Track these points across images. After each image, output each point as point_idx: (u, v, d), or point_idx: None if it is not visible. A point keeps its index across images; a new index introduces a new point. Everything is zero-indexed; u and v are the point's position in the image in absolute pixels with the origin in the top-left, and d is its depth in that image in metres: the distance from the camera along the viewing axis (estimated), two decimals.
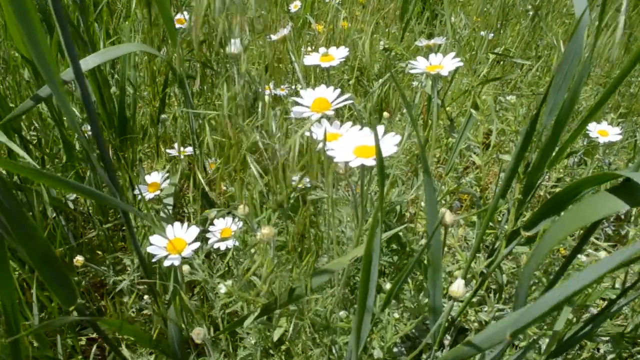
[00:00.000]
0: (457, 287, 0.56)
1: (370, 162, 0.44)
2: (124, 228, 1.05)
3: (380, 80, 0.98)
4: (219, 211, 0.95)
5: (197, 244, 0.59)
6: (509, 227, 0.84)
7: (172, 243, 0.58)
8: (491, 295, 1.01)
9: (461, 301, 0.90)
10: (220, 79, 0.92)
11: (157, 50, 0.89)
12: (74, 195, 0.99)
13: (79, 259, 0.95)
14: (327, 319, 0.59)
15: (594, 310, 0.80)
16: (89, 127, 1.10)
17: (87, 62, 0.73)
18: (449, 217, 0.54)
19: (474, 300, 0.90)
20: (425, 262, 0.93)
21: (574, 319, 0.78)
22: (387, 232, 0.92)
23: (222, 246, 0.86)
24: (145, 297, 0.84)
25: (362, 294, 0.43)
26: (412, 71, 0.65)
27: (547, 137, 0.70)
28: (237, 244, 0.81)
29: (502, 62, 1.36)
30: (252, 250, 0.60)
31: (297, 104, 0.60)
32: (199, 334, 0.54)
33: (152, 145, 1.21)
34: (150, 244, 0.59)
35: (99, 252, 1.10)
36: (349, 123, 0.58)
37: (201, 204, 1.02)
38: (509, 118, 0.77)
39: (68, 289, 0.51)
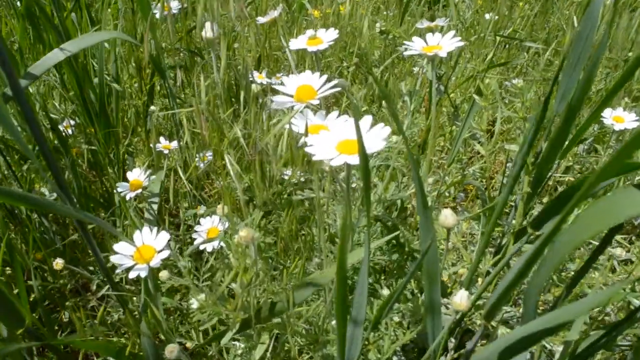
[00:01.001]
0: (460, 299, 0.50)
1: (355, 159, 0.38)
2: (112, 223, 1.00)
3: (381, 67, 0.92)
4: (204, 211, 0.89)
5: (167, 252, 0.54)
6: (517, 222, 0.78)
7: (139, 251, 0.53)
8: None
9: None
10: (196, 68, 0.85)
11: (135, 39, 0.83)
12: (55, 195, 0.93)
13: (58, 262, 0.89)
14: (316, 331, 0.53)
15: (613, 314, 0.74)
16: (72, 122, 1.04)
17: (55, 54, 0.67)
18: (451, 218, 0.48)
19: (479, 302, 0.84)
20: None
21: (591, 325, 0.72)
22: (385, 233, 0.86)
23: (209, 247, 0.81)
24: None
25: (339, 319, 0.37)
26: (407, 53, 0.58)
27: (558, 125, 0.63)
28: (223, 245, 0.76)
29: (507, 46, 1.29)
30: (230, 256, 0.54)
31: (279, 93, 0.54)
32: (172, 351, 0.49)
33: (142, 139, 1.15)
34: (115, 253, 0.53)
35: (90, 252, 1.05)
36: (335, 113, 0.52)
37: (189, 202, 0.96)
38: (516, 104, 0.70)
39: (12, 314, 0.46)
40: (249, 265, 0.55)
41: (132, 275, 0.51)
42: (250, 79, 1.21)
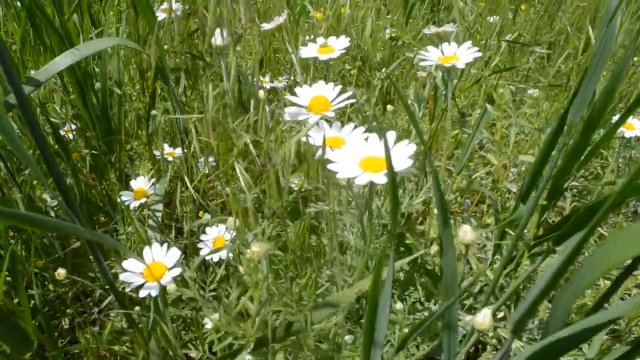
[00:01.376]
0: (484, 318, 0.48)
1: (381, 178, 0.36)
2: (115, 231, 0.98)
3: (385, 71, 0.90)
4: (211, 220, 0.88)
5: (178, 270, 0.52)
6: (531, 234, 0.76)
7: (149, 268, 0.51)
8: (511, 307, 0.93)
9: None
10: (206, 77, 0.84)
11: (137, 44, 0.81)
12: (55, 202, 0.91)
13: (60, 273, 0.87)
14: (331, 347, 0.51)
15: None
16: (72, 126, 1.02)
17: (57, 64, 0.65)
18: (470, 235, 0.46)
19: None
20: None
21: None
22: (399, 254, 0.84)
23: (215, 257, 0.79)
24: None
25: (365, 347, 0.35)
26: (423, 63, 0.57)
27: (576, 136, 0.62)
28: (231, 255, 0.74)
29: (512, 49, 1.27)
30: (241, 270, 0.52)
31: (291, 103, 0.53)
32: None
33: (143, 144, 1.13)
34: (124, 270, 0.51)
35: (92, 258, 1.03)
36: (351, 125, 0.51)
37: (194, 210, 0.94)
38: (528, 113, 0.69)
39: (20, 338, 0.44)
40: (260, 280, 0.54)
41: (142, 294, 0.49)
42: (252, 84, 1.19)
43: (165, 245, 0.54)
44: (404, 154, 0.38)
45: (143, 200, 0.83)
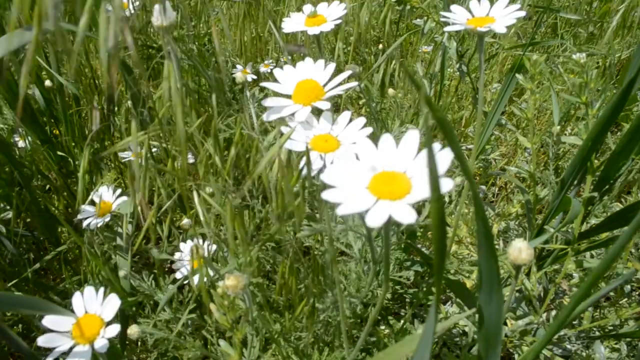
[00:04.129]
0: (519, 251, 0.35)
1: (406, 211, 0.22)
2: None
3: (392, 46, 0.75)
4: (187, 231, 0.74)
5: (117, 327, 0.38)
6: (576, 229, 0.63)
7: (79, 325, 0.37)
8: (544, 317, 0.80)
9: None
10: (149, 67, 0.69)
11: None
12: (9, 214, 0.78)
13: None
14: None
15: None
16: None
17: None
18: (525, 253, 0.33)
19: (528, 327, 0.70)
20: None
21: None
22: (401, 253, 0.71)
23: (195, 280, 0.66)
24: None
25: None
26: (448, 29, 0.43)
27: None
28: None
29: (532, 17, 1.12)
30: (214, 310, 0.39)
31: (272, 93, 0.38)
32: None
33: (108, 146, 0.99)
34: (44, 332, 0.37)
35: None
36: (347, 114, 0.37)
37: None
38: (571, 84, 0.55)
39: None
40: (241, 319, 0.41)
41: None
42: (235, 72, 1.04)
43: (102, 290, 0.40)
44: (441, 165, 0.24)
45: (107, 218, 0.70)
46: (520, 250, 0.36)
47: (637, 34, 1.16)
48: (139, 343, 0.72)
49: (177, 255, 0.70)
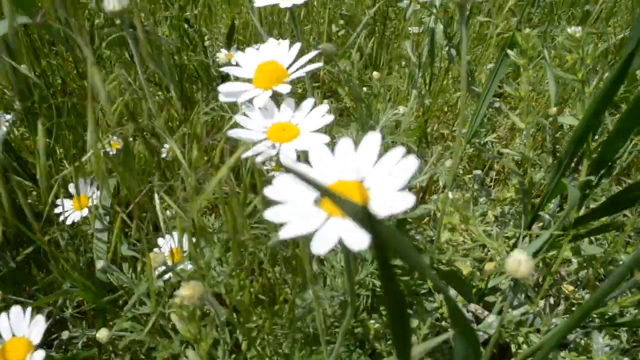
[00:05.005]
0: (519, 263, 0.31)
1: (360, 237, 0.19)
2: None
3: (358, 28, 0.71)
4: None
5: (42, 354, 0.35)
6: (572, 216, 0.60)
7: (3, 351, 0.34)
8: (542, 304, 0.78)
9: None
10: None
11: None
12: None
13: None
14: None
15: None
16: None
17: None
18: (525, 265, 0.29)
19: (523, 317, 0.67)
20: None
21: None
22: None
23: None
24: None
25: None
26: None
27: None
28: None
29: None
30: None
31: (228, 77, 0.35)
32: None
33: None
34: None
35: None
36: (310, 101, 0.33)
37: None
38: (569, 59, 0.51)
39: None
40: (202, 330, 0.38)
41: None
42: (218, 58, 1.00)
43: (29, 310, 0.37)
44: (397, 180, 0.20)
45: (85, 212, 0.67)
46: (519, 262, 0.32)
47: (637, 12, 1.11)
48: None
49: (155, 250, 0.67)
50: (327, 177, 0.22)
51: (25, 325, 0.36)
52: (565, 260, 0.78)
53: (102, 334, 0.48)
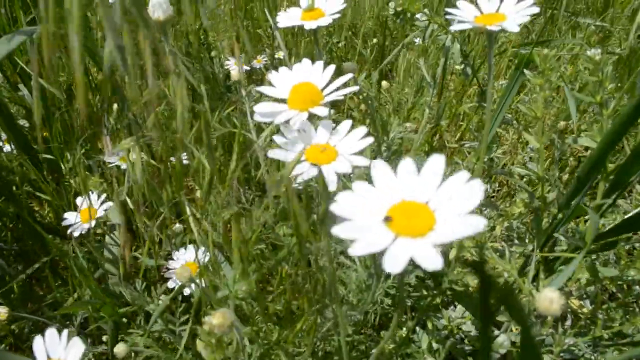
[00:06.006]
0: (551, 301, 0.31)
1: (429, 254, 0.19)
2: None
3: (392, 53, 0.72)
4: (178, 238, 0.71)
5: None
6: (588, 239, 0.60)
7: None
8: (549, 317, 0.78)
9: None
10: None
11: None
12: None
13: (1, 313, 0.72)
14: None
15: None
16: None
17: None
18: (557, 303, 0.29)
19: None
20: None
21: None
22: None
23: (187, 290, 0.63)
24: None
25: None
26: (454, 27, 0.39)
27: None
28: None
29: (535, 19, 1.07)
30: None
31: (264, 96, 0.35)
32: None
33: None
34: None
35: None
36: (348, 123, 0.33)
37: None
38: (588, 80, 0.52)
39: None
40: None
41: None
42: (230, 67, 1.00)
43: (65, 332, 0.37)
44: (465, 203, 0.20)
45: (92, 223, 0.66)
46: (551, 301, 0.32)
47: None
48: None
49: (170, 263, 0.67)
50: (391, 197, 0.22)
51: (61, 347, 0.36)
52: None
53: (120, 349, 0.48)
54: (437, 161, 0.23)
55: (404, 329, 0.71)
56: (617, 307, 0.74)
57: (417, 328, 0.71)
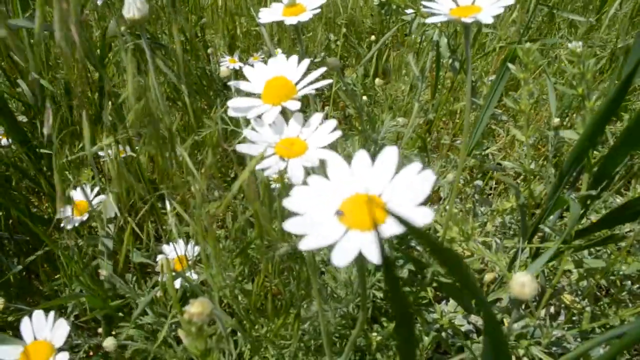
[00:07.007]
0: (523, 285, 0.31)
1: (372, 252, 0.19)
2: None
3: (378, 43, 0.72)
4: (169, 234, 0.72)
5: (66, 356, 0.36)
6: (572, 230, 0.60)
7: (27, 353, 0.35)
8: (542, 313, 0.78)
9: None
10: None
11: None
12: None
13: None
14: None
15: None
16: None
17: None
18: (529, 286, 0.30)
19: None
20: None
21: None
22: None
23: (177, 283, 0.64)
24: None
25: None
26: (431, 20, 0.39)
27: None
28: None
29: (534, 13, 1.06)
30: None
31: (239, 91, 0.36)
32: None
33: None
34: None
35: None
36: (318, 116, 0.34)
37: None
38: (569, 73, 0.52)
39: None
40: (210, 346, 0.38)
41: None
42: (223, 63, 1.01)
43: (52, 314, 0.37)
44: (416, 195, 0.21)
45: (85, 217, 0.67)
46: (523, 284, 0.32)
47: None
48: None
49: (159, 257, 0.67)
50: (344, 190, 0.23)
51: (47, 328, 0.37)
52: (566, 271, 0.78)
53: (109, 343, 0.49)
54: (391, 153, 0.24)
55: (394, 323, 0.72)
56: (611, 302, 0.75)
57: None
